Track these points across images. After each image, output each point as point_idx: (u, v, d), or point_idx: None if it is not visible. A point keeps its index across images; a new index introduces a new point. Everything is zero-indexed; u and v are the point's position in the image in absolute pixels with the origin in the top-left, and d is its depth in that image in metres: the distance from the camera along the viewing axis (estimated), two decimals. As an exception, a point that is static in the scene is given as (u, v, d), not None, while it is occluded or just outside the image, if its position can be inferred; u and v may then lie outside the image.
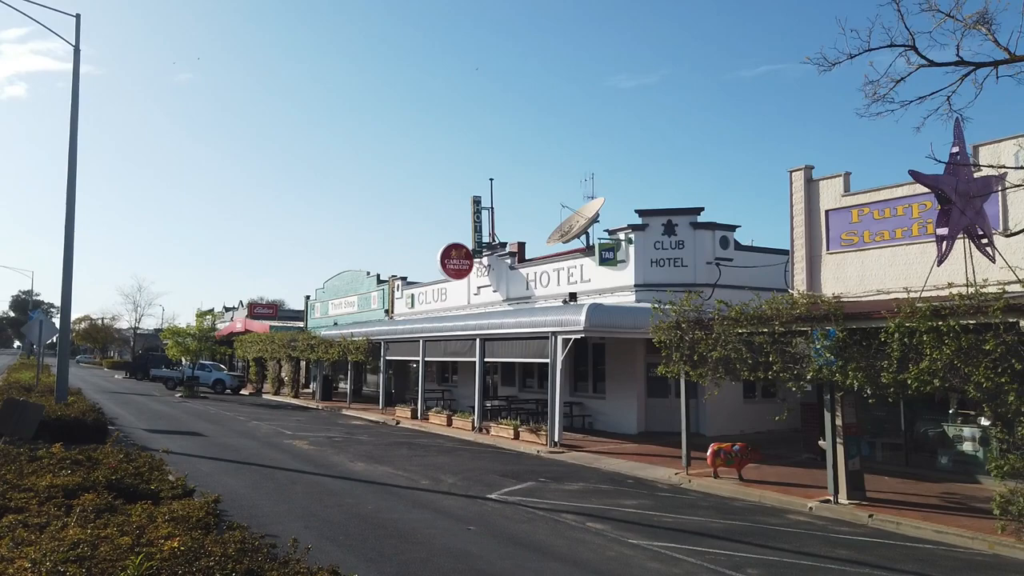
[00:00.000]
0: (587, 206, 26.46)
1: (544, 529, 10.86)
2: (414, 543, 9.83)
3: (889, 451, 16.29)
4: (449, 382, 33.97)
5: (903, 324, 11.37)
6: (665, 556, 9.43)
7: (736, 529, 11.17)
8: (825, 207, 17.27)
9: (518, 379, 29.00)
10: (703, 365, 15.03)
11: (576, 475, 16.02)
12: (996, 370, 10.38)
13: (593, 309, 19.91)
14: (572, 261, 26.00)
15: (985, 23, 8.57)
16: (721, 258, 22.75)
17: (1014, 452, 10.40)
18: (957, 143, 12.82)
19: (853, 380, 12.18)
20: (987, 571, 9.25)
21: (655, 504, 12.96)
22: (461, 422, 24.66)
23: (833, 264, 16.98)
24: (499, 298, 29.73)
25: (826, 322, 12.75)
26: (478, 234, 30.71)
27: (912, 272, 14.59)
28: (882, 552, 10.02)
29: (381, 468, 16.34)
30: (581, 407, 24.59)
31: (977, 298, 10.86)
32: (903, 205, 15.46)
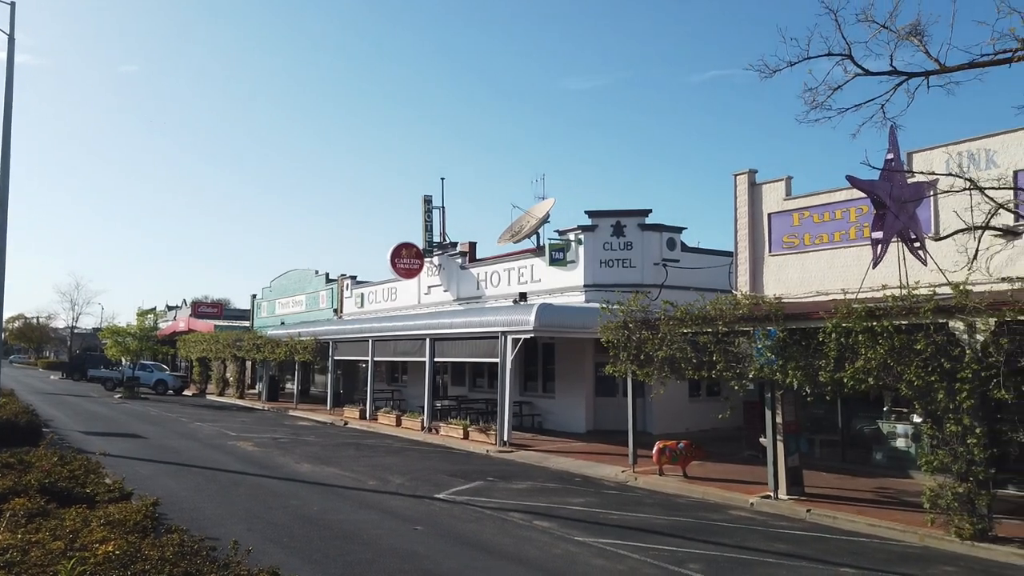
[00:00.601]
0: (538, 206, 26.61)
1: (491, 528, 10.89)
2: (360, 544, 9.75)
3: (827, 448, 16.81)
4: (399, 382, 33.75)
5: (840, 324, 11.73)
6: (610, 553, 9.55)
7: (680, 525, 11.38)
8: (768, 210, 17.72)
9: (468, 379, 28.99)
10: (650, 364, 15.26)
11: (524, 474, 16.10)
12: (926, 369, 10.79)
13: (543, 309, 20.03)
14: (522, 261, 26.11)
15: (917, 35, 8.92)
16: (668, 259, 23.13)
17: (943, 448, 10.81)
18: (892, 150, 13.29)
19: (792, 379, 12.52)
20: (917, 563, 9.61)
21: (602, 502, 13.11)
22: (410, 422, 24.53)
23: (775, 266, 17.43)
24: (450, 298, 29.67)
25: (767, 322, 13.08)
26: (429, 233, 30.59)
27: (850, 274, 15.07)
28: (819, 546, 10.34)
29: (328, 469, 16.15)
30: (531, 406, 24.71)
31: (909, 299, 11.26)
32: (841, 209, 15.97)
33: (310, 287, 42.36)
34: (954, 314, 10.64)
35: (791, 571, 9.00)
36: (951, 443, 10.65)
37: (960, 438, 10.48)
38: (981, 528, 10.30)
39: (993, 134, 13.58)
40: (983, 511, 10.35)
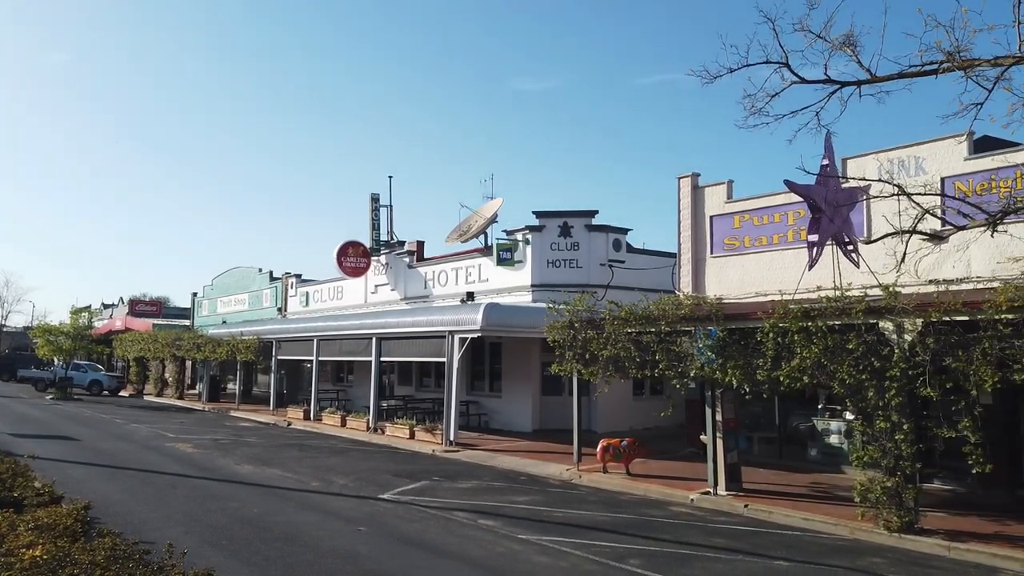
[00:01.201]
0: (486, 206, 26.64)
1: (435, 528, 10.88)
2: (301, 545, 9.63)
3: (765, 445, 17.28)
4: (344, 382, 33.37)
5: (777, 324, 12.08)
6: (553, 550, 9.65)
7: (622, 522, 11.56)
8: (710, 213, 18.11)
9: (415, 378, 28.85)
10: (594, 363, 15.45)
11: (470, 473, 16.11)
12: (858, 367, 11.19)
13: (490, 308, 20.07)
14: (470, 261, 26.10)
15: (850, 45, 9.21)
16: (614, 260, 23.42)
17: (873, 444, 11.23)
18: (827, 156, 13.76)
19: (732, 377, 12.83)
20: (847, 555, 9.96)
21: (546, 500, 13.22)
22: (356, 423, 24.29)
23: (717, 267, 17.83)
24: (397, 297, 29.47)
25: (708, 322, 13.38)
26: (376, 232, 30.31)
27: (787, 276, 15.50)
28: (754, 540, 10.62)
29: (270, 470, 15.88)
30: (478, 406, 24.72)
31: (842, 301, 11.66)
32: (780, 212, 16.43)
33: (253, 285, 41.53)
34: (884, 315, 11.07)
35: (727, 565, 9.23)
36: (880, 439, 11.06)
37: (889, 434, 10.90)
38: (908, 520, 10.72)
39: (922, 142, 14.15)
40: (910, 504, 10.79)
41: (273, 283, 39.54)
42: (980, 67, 8.30)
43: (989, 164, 12.87)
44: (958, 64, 8.35)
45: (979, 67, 8.31)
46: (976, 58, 8.36)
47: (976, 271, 12.83)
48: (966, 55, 8.44)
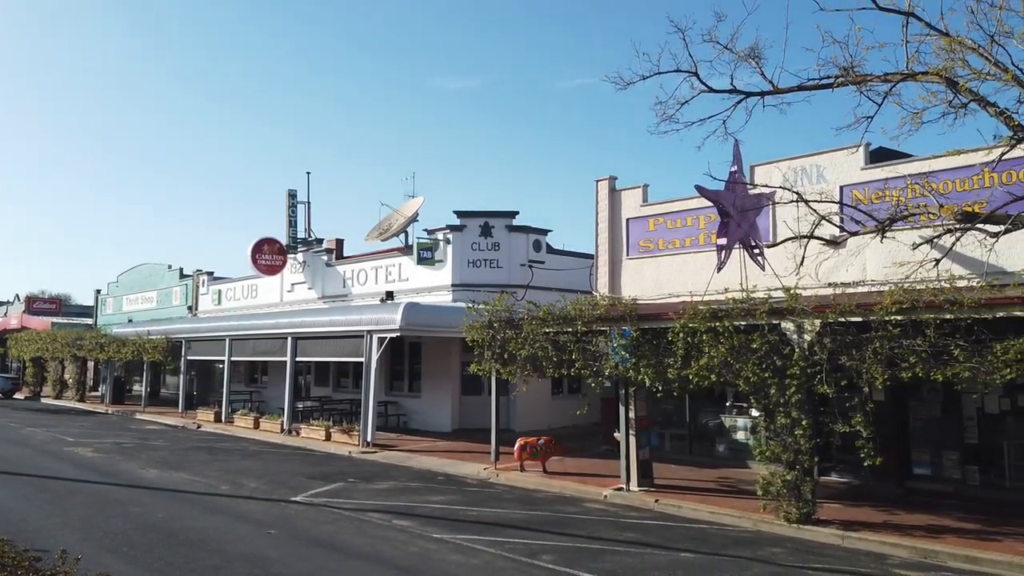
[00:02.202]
0: (407, 205, 26.46)
1: (349, 529, 10.75)
2: (207, 550, 9.34)
3: (676, 441, 17.81)
4: (258, 383, 32.47)
5: (687, 325, 12.48)
6: (466, 548, 9.68)
7: (536, 519, 11.71)
8: (626, 215, 18.52)
9: (332, 379, 28.36)
10: (513, 363, 15.58)
11: (387, 474, 15.98)
12: (761, 366, 11.68)
13: (409, 308, 19.96)
14: (391, 259, 25.86)
15: (755, 58, 9.66)
16: (534, 260, 23.66)
17: (775, 439, 11.76)
18: (736, 163, 14.28)
19: (644, 376, 13.18)
20: (749, 545, 10.38)
21: (462, 499, 13.24)
22: (270, 424, 23.70)
23: (632, 269, 18.26)
24: (314, 296, 28.90)
25: (623, 322, 13.70)
26: (293, 229, 29.62)
27: (698, 278, 16.03)
28: (663, 533, 10.95)
29: (176, 474, 15.32)
30: (396, 406, 24.52)
31: (747, 302, 12.16)
32: (692, 216, 16.96)
33: (162, 283, 39.89)
34: (785, 316, 11.59)
35: (636, 558, 9.48)
36: (782, 435, 11.59)
37: (789, 430, 11.43)
38: (806, 512, 11.26)
39: (823, 152, 14.88)
40: (808, 497, 11.33)
41: (183, 280, 38.11)
42: (872, 82, 8.83)
43: (882, 174, 13.65)
44: (852, 79, 8.86)
45: (871, 82, 8.84)
46: (868, 74, 8.90)
47: (870, 275, 13.60)
48: (859, 71, 8.97)
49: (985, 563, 9.33)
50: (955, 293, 9.88)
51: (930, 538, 10.27)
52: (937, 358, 9.95)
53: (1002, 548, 9.74)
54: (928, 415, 13.80)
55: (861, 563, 9.49)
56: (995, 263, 11.81)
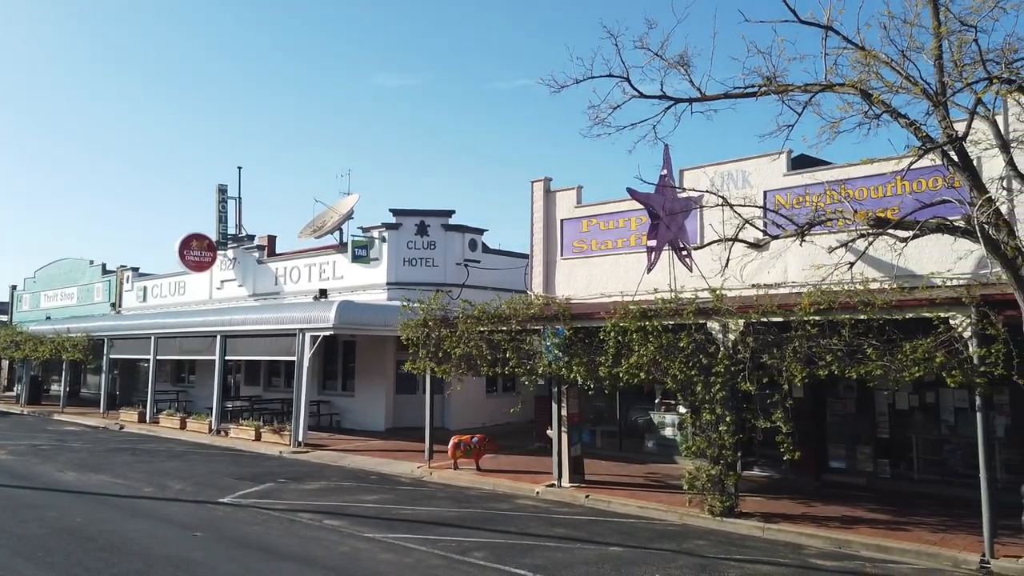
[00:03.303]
0: (342, 202, 26.15)
1: (278, 530, 10.60)
2: (128, 555, 9.08)
3: (607, 438, 18.16)
4: (185, 382, 31.57)
5: (618, 324, 12.77)
6: (398, 547, 9.69)
7: (469, 516, 11.79)
8: (561, 216, 18.77)
9: (263, 378, 27.79)
10: (448, 361, 15.62)
11: (318, 474, 15.79)
12: (688, 364, 12.05)
13: (343, 306, 19.76)
14: (325, 257, 25.51)
15: (684, 65, 9.96)
16: (470, 259, 23.71)
17: (700, 435, 12.15)
18: (666, 166, 14.68)
19: (577, 374, 13.41)
20: (675, 538, 10.70)
21: (395, 498, 13.21)
22: (197, 425, 23.09)
23: (566, 269, 18.52)
24: (245, 293, 28.26)
25: (556, 321, 13.90)
26: (223, 225, 28.88)
27: (629, 278, 16.38)
28: (592, 528, 11.18)
29: (97, 477, 14.80)
30: (329, 405, 24.22)
31: (676, 302, 12.51)
32: (624, 218, 17.32)
33: (84, 279, 38.30)
34: (711, 316, 11.98)
35: (566, 553, 9.66)
36: (707, 430, 11.97)
37: (714, 426, 11.82)
38: (729, 505, 11.67)
39: (748, 157, 15.41)
40: (731, 490, 11.74)
41: (106, 276, 36.69)
42: (793, 92, 9.22)
43: (802, 180, 14.25)
44: (774, 88, 9.23)
45: (792, 92, 9.23)
46: (790, 84, 9.28)
47: (792, 277, 14.16)
48: (782, 80, 9.35)
49: (894, 552, 9.86)
50: (868, 295, 10.41)
51: (844, 529, 10.78)
52: (852, 357, 10.45)
53: (910, 537, 10.31)
54: (844, 411, 14.46)
55: (780, 554, 9.90)
56: (905, 267, 12.48)
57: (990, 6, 7.55)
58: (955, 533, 10.45)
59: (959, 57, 8.01)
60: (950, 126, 8.13)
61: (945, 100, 8.05)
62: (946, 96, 8.07)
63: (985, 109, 8.40)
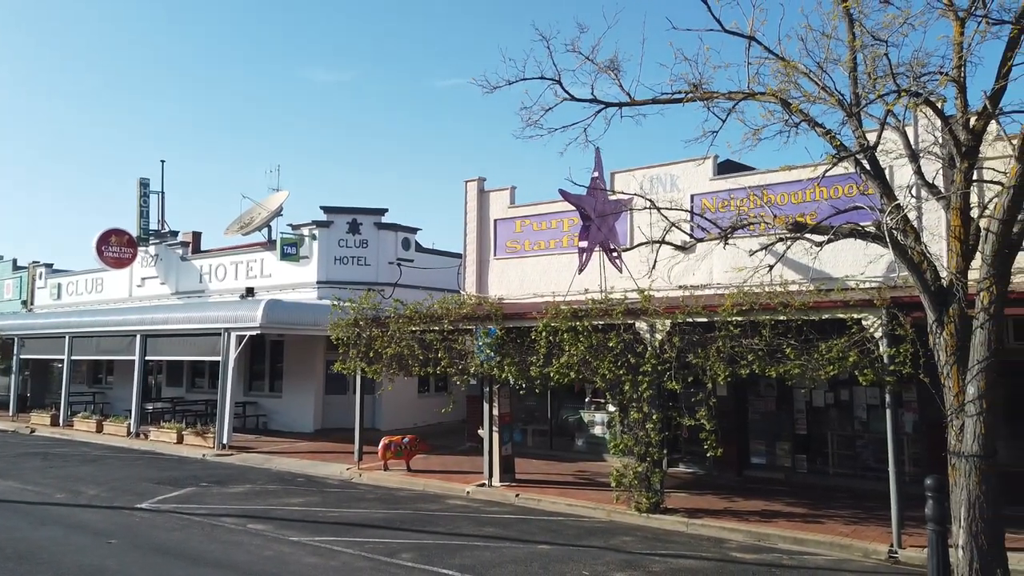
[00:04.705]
0: (271, 198, 25.56)
1: (198, 535, 10.29)
2: (37, 563, 8.66)
3: (538, 437, 18.30)
4: (103, 383, 30.30)
5: (549, 324, 12.88)
6: (324, 550, 9.53)
7: (398, 517, 11.69)
8: (494, 216, 18.84)
9: (187, 379, 26.92)
10: (379, 361, 15.46)
11: (243, 477, 15.39)
12: (617, 363, 12.25)
13: (271, 305, 19.33)
14: (252, 255, 24.88)
15: (614, 70, 10.11)
16: (403, 259, 23.53)
17: (628, 433, 12.38)
18: (597, 169, 14.91)
19: (508, 373, 13.47)
20: (602, 535, 10.86)
21: (323, 500, 13.00)
22: (115, 428, 22.18)
23: (499, 269, 18.59)
24: (168, 291, 27.31)
25: (488, 321, 13.93)
26: (145, 220, 27.82)
27: (561, 278, 16.57)
28: (522, 527, 11.24)
29: (4, 483, 14.07)
30: (256, 406, 23.64)
31: (605, 303, 12.71)
32: (556, 219, 17.50)
33: (-8, 274, 36.31)
34: (640, 316, 12.22)
35: (494, 552, 9.69)
36: (634, 429, 12.20)
37: (641, 424, 12.05)
38: (655, 502, 11.93)
39: (676, 162, 15.78)
40: (657, 487, 12.00)
41: (17, 272, 34.88)
42: (717, 99, 9.48)
43: (727, 185, 14.69)
44: (700, 95, 9.48)
45: (716, 99, 9.49)
46: (714, 91, 9.54)
47: (716, 278, 14.58)
48: (707, 88, 9.60)
49: (810, 544, 10.25)
50: (787, 297, 10.81)
51: (764, 522, 11.16)
52: (772, 356, 10.83)
53: (824, 529, 10.75)
54: (764, 409, 14.97)
55: (703, 548, 10.17)
56: (823, 270, 13.01)
57: (899, 22, 7.94)
58: (866, 525, 10.94)
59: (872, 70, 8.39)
60: (863, 136, 8.51)
61: (858, 111, 8.42)
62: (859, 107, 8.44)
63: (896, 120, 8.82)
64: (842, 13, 8.38)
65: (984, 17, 7.74)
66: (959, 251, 7.83)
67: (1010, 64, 7.62)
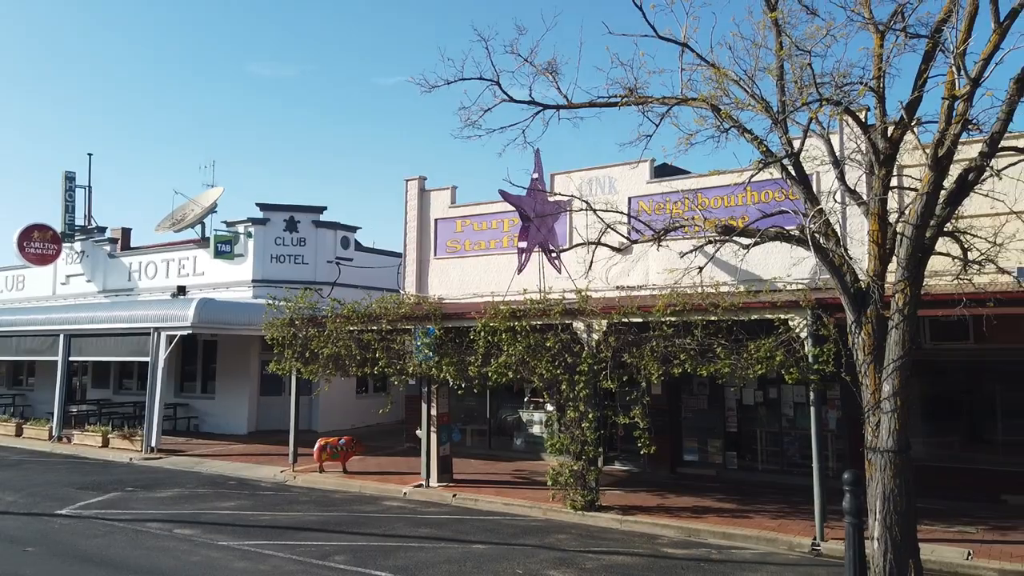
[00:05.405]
0: (205, 194, 24.89)
1: (122, 541, 9.95)
2: (-55, 575, 8.25)
3: (477, 436, 18.31)
4: (24, 385, 29.01)
5: (488, 324, 12.90)
6: (254, 554, 9.35)
7: (332, 520, 11.54)
8: (435, 216, 18.77)
9: (114, 380, 25.99)
10: (315, 362, 15.23)
11: (172, 481, 14.95)
12: (554, 363, 12.36)
13: (203, 304, 18.84)
14: (185, 252, 24.19)
15: (552, 72, 10.18)
16: (342, 257, 23.23)
17: (564, 432, 12.49)
18: (537, 170, 15.02)
19: (447, 373, 13.44)
20: (538, 533, 10.94)
21: (255, 504, 12.73)
22: (36, 431, 21.25)
23: (440, 268, 18.53)
24: (95, 289, 26.32)
25: (427, 321, 13.87)
26: (70, 215, 26.74)
27: (501, 279, 16.62)
28: (458, 527, 11.24)
29: (-88, 491, 13.33)
30: (188, 408, 22.99)
31: (544, 303, 12.81)
32: (497, 219, 17.54)
33: (-97, 271, 34.35)
34: (577, 316, 12.36)
35: (430, 552, 9.66)
36: (571, 427, 12.32)
37: (577, 423, 12.18)
38: (590, 500, 12.07)
39: (615, 165, 16.00)
40: (592, 485, 12.15)
41: (-69, 269, 33.08)
42: (651, 104, 9.64)
43: (662, 188, 14.97)
44: (635, 99, 9.62)
45: (651, 104, 9.65)
46: (649, 96, 9.70)
47: (652, 279, 14.84)
48: (642, 92, 9.76)
49: (738, 538, 10.54)
50: (718, 298, 11.08)
51: (694, 518, 11.42)
52: (703, 355, 11.10)
53: (752, 524, 11.06)
54: (697, 407, 15.31)
55: (635, 544, 10.34)
56: (752, 271, 13.38)
57: (823, 34, 8.23)
58: (792, 519, 11.30)
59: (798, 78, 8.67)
60: (789, 142, 8.77)
61: (784, 118, 8.68)
62: (785, 114, 8.70)
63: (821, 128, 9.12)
64: (770, 23, 8.63)
65: (902, 30, 8.10)
66: (877, 255, 8.15)
67: (926, 76, 7.97)
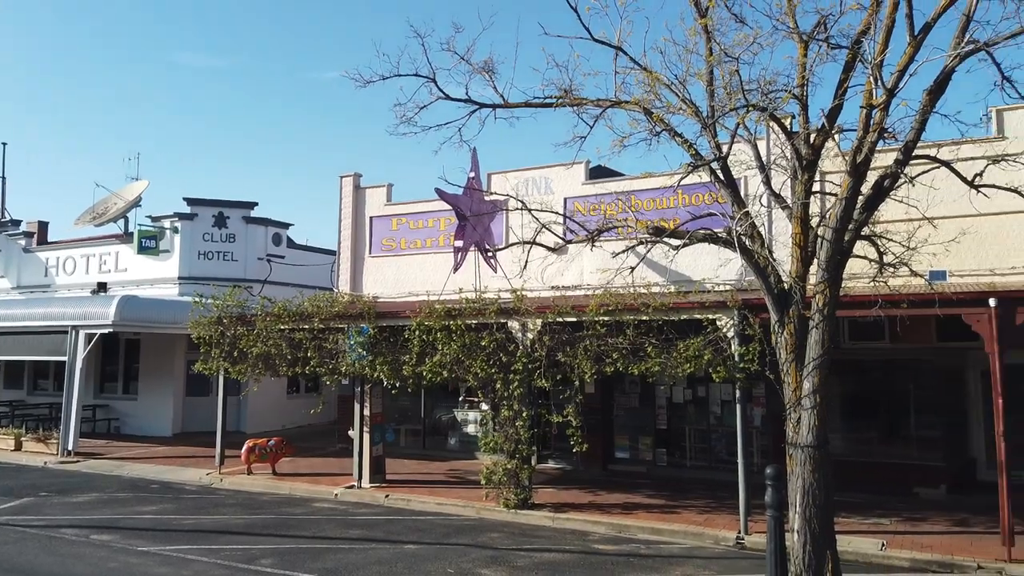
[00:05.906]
0: (128, 188, 23.98)
1: (34, 548, 9.50)
2: None
3: (411, 436, 18.19)
4: (-71, 387, 27.35)
5: (423, 323, 12.83)
6: (176, 559, 9.05)
7: (259, 523, 11.27)
8: (370, 214, 18.55)
9: (28, 380, 24.76)
10: (244, 361, 14.86)
11: (90, 485, 14.34)
12: (489, 362, 12.37)
13: (125, 302, 18.15)
14: (106, 247, 23.26)
15: (489, 71, 10.17)
16: (273, 255, 22.73)
17: (498, 430, 12.52)
18: (473, 169, 15.01)
19: (381, 373, 13.29)
20: (471, 532, 10.93)
21: (178, 507, 12.33)
22: (-59, 435, 20.05)
23: (375, 267, 18.32)
24: (8, 285, 25.06)
25: (361, 320, 13.69)
26: (-18, 207, 25.42)
27: (437, 277, 16.53)
28: (390, 527, 11.13)
29: None
30: (108, 410, 22.10)
31: (479, 302, 12.81)
32: (433, 218, 17.45)
33: None
34: (512, 316, 12.40)
35: (360, 554, 9.54)
36: (505, 426, 12.36)
37: (511, 421, 12.23)
38: (524, 498, 12.13)
39: (552, 165, 16.11)
40: (525, 483, 12.22)
41: None
42: (586, 105, 9.75)
43: (596, 190, 15.15)
44: (570, 101, 9.71)
45: (585, 105, 9.76)
46: (584, 98, 9.81)
47: (587, 279, 15.01)
48: (577, 94, 9.85)
49: (666, 533, 10.76)
50: (649, 298, 11.29)
51: (625, 515, 11.60)
52: (635, 354, 11.29)
53: (680, 519, 11.31)
54: (629, 405, 15.58)
55: (567, 541, 10.44)
56: (682, 272, 13.68)
57: (750, 42, 8.48)
58: (718, 514, 11.60)
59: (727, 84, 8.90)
60: (717, 146, 9.00)
61: (713, 122, 8.89)
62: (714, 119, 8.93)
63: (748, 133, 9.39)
64: (701, 29, 8.84)
65: (825, 40, 8.41)
66: (799, 257, 8.43)
67: (846, 85, 8.30)
